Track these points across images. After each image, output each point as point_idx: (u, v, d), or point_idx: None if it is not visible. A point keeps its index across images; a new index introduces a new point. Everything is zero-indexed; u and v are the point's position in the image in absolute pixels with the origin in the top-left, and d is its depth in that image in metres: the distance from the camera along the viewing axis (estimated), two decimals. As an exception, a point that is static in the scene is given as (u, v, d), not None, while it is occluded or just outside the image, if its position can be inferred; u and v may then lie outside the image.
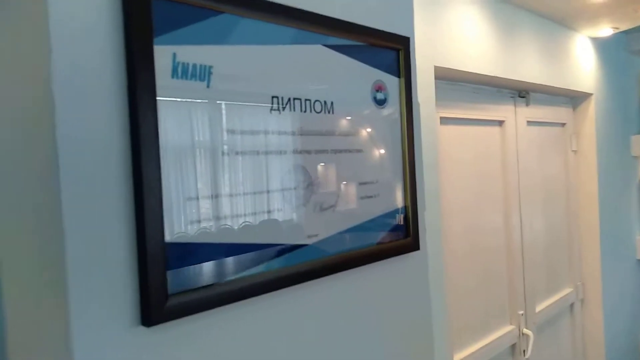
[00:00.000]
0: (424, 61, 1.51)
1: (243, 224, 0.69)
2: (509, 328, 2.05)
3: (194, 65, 0.65)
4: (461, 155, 1.88)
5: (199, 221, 0.65)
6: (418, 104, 1.04)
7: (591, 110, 2.63)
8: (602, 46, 2.76)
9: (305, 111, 0.78)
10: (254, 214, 0.71)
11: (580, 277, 2.65)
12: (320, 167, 0.80)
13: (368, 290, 0.93)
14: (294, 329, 0.80)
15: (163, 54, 0.62)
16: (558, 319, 2.47)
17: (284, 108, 0.74)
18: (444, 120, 1.79)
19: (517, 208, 2.14)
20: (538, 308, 2.24)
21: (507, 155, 2.10)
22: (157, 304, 0.61)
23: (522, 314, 2.09)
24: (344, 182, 0.84)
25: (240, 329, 0.73)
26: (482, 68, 1.81)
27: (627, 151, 3.05)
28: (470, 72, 1.77)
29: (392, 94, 0.95)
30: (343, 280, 0.87)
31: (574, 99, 2.63)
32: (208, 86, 0.67)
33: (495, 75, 1.88)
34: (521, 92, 2.21)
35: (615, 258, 2.82)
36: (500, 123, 2.09)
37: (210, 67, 0.67)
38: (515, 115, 2.17)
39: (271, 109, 0.73)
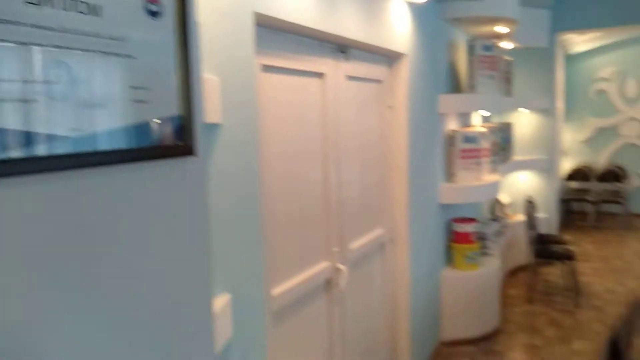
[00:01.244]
0: (241, 5, 1.53)
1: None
2: (324, 264, 2.24)
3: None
4: (284, 104, 1.97)
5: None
6: (196, 23, 1.08)
7: (404, 70, 2.90)
8: (418, 11, 3.04)
9: (67, 9, 0.78)
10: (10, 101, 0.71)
11: (391, 220, 2.98)
12: (84, 65, 0.82)
13: (135, 192, 0.94)
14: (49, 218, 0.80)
15: None
16: (371, 256, 2.77)
17: (41, 3, 0.75)
18: (267, 68, 1.85)
19: (335, 155, 2.31)
20: (352, 246, 2.48)
21: (327, 108, 2.24)
22: None
23: (337, 251, 2.31)
24: (112, 83, 0.87)
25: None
26: (304, 20, 1.88)
27: (435, 108, 3.45)
28: (293, 23, 1.84)
29: (167, 8, 0.99)
30: (106, 176, 0.86)
31: (390, 58, 2.87)
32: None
33: (317, 28, 1.97)
34: (342, 47, 2.36)
35: (421, 202, 3.22)
36: (321, 76, 2.22)
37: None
38: (335, 69, 2.31)
39: (26, 1, 0.73)
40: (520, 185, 5.52)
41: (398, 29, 2.76)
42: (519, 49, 5.08)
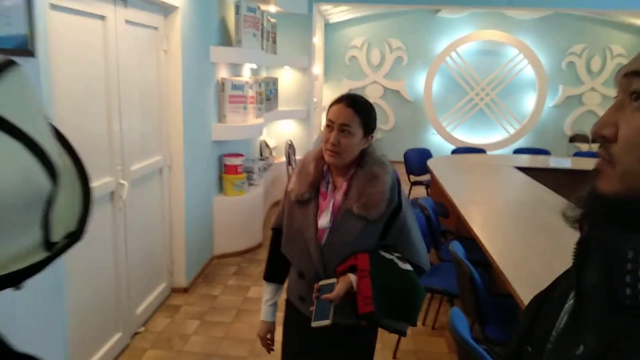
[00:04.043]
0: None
1: None
2: (108, 179, 2.68)
3: None
4: (71, 42, 2.30)
5: None
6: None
7: (178, 20, 3.38)
8: (189, -30, 3.52)
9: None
10: None
11: (168, 150, 3.50)
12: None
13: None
14: None
15: None
16: (150, 177, 3.27)
17: None
18: (55, 7, 2.16)
19: (117, 92, 2.72)
20: (133, 167, 2.95)
21: (108, 48, 2.62)
22: None
23: (119, 169, 2.76)
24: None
25: None
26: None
27: (207, 58, 4.02)
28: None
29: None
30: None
31: (165, 8, 3.32)
32: None
33: (97, -24, 2.34)
34: (121, -5, 2.74)
35: (195, 137, 3.80)
36: (103, 18, 2.58)
37: None
38: (115, 13, 2.69)
39: None
40: (283, 132, 6.49)
41: (172, -16, 3.21)
42: (283, 14, 5.91)
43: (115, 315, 2.86)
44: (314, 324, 1.49)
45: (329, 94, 9.26)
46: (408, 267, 1.57)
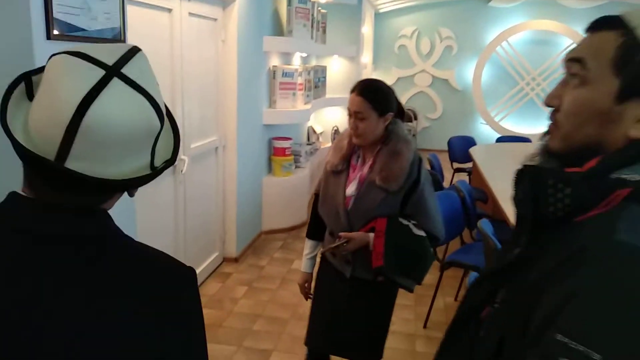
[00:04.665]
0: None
1: None
2: (172, 154, 3.02)
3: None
4: (146, 34, 2.64)
5: None
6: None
7: (235, 11, 3.69)
8: (246, -35, 3.81)
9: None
10: None
11: (223, 131, 3.84)
12: None
13: None
14: None
15: None
16: (208, 155, 3.62)
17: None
18: (130, 1, 2.49)
19: (180, 76, 3.05)
20: (193, 145, 3.29)
21: (174, 39, 2.95)
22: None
23: (181, 146, 3.10)
24: None
25: None
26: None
27: (261, 47, 4.32)
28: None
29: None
30: None
31: (224, 0, 3.63)
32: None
33: (166, -27, 2.66)
34: (185, -10, 3.06)
35: (248, 121, 4.12)
36: (169, 11, 2.91)
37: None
38: (180, 6, 3.02)
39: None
40: (330, 118, 6.74)
41: (230, -21, 3.52)
42: (333, 4, 6.14)
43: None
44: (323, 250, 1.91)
45: (377, 82, 9.42)
46: (422, 233, 1.80)
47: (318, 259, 2.14)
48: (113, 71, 0.72)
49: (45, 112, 0.71)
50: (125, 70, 0.73)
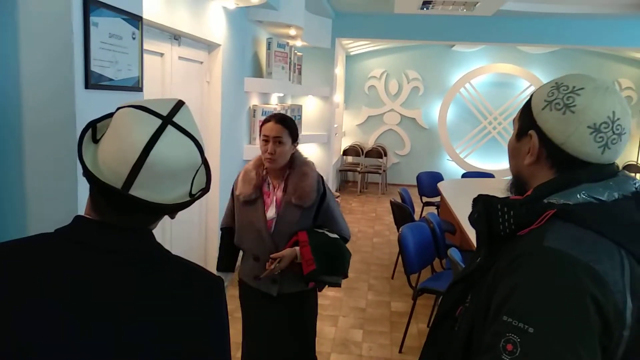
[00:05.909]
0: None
1: None
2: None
3: None
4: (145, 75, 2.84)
5: None
6: None
7: (219, 55, 3.95)
8: (232, 14, 4.10)
9: None
10: None
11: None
12: None
13: None
14: None
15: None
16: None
17: None
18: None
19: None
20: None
21: (165, 79, 3.18)
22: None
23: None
24: None
25: None
26: (150, 15, 2.79)
27: (242, 87, 4.58)
28: (144, 18, 2.74)
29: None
30: None
31: (210, 46, 3.89)
32: None
33: (160, 22, 2.90)
34: (175, 36, 3.30)
35: (230, 157, 4.32)
36: (162, 55, 3.14)
37: None
38: (171, 51, 3.25)
39: None
40: (306, 154, 6.98)
41: (216, 25, 3.79)
42: (308, 47, 6.50)
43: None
44: (263, 275, 2.04)
45: (348, 120, 9.80)
46: (335, 236, 2.13)
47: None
48: (168, 120, 0.94)
49: (114, 151, 0.92)
50: (176, 119, 0.95)
